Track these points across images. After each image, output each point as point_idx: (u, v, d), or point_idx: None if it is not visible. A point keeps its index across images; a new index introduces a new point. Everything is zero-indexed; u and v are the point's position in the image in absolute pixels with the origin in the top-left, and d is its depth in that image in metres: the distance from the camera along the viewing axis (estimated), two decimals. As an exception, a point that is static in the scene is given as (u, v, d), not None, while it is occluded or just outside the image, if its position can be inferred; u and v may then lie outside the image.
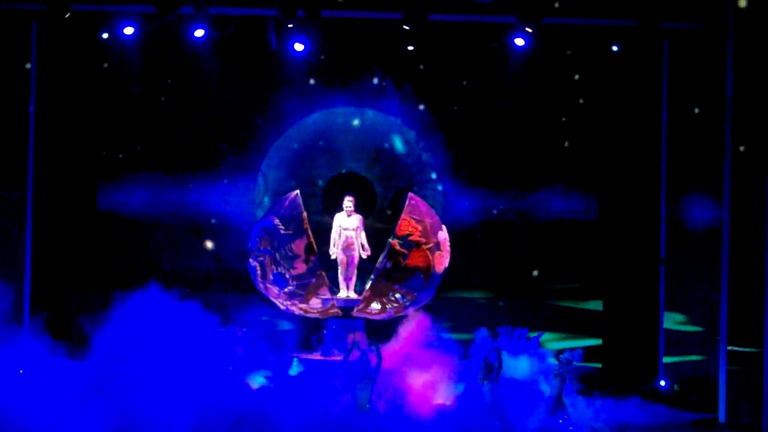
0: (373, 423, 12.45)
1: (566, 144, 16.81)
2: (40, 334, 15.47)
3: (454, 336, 14.08)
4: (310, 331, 14.96)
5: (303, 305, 14.03)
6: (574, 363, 13.09)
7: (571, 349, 13.39)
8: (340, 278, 14.29)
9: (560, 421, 12.76)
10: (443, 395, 13.18)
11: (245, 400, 12.51)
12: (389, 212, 16.71)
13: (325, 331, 14.29)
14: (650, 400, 15.16)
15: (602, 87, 16.67)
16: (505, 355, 12.99)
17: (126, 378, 12.49)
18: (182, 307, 13.12)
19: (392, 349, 13.61)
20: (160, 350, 12.72)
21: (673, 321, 15.99)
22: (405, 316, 14.13)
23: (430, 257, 13.89)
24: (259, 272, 13.95)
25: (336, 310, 14.09)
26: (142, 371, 12.54)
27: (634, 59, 16.22)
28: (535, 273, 16.87)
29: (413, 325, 13.83)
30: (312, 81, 16.78)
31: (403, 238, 13.84)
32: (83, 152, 16.55)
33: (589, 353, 16.41)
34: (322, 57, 16.43)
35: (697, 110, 15.59)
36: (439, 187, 16.88)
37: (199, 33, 15.17)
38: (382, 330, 14.64)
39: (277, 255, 13.76)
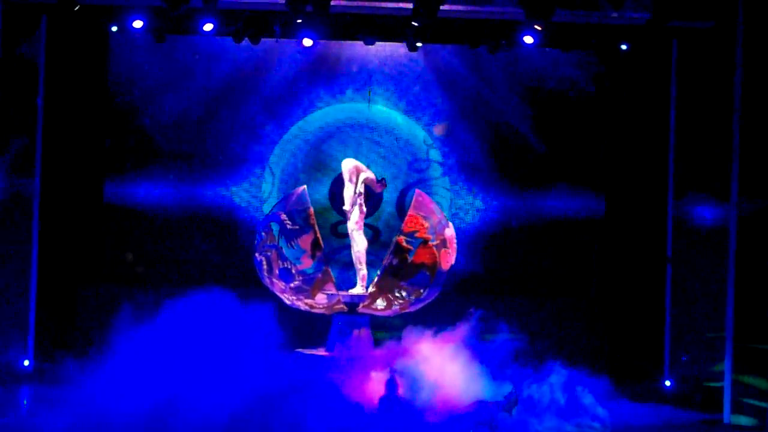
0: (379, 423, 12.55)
1: (573, 142, 16.81)
2: (47, 328, 15.56)
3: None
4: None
5: (309, 300, 14.02)
6: None
7: None
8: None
9: None
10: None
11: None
12: (396, 209, 16.69)
13: None
14: (655, 399, 15.15)
15: (610, 85, 16.63)
16: None
17: (135, 372, 12.52)
18: (189, 302, 13.13)
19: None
20: (170, 345, 12.74)
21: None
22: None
23: (437, 254, 13.87)
24: (265, 267, 13.95)
25: (341, 305, 14.09)
26: (154, 366, 12.56)
27: (643, 58, 16.18)
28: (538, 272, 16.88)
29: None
30: (319, 75, 16.78)
31: (410, 235, 13.82)
32: (91, 145, 16.57)
33: (593, 352, 16.47)
34: (330, 51, 16.42)
35: (705, 109, 15.56)
36: (447, 185, 16.85)
37: (208, 27, 15.17)
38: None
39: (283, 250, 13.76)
